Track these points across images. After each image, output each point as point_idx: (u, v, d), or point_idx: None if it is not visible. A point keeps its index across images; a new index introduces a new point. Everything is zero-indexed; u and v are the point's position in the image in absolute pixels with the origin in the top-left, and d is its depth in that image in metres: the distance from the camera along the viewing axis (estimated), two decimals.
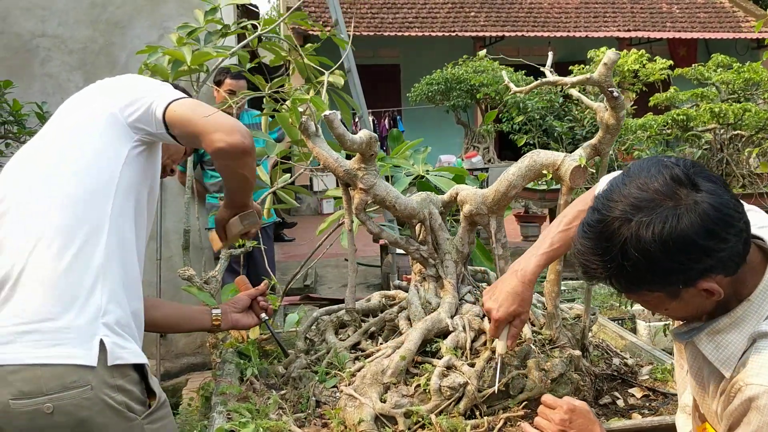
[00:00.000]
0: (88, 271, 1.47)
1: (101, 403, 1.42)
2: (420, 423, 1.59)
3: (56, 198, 1.50)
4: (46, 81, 4.62)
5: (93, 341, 1.43)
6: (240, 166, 1.64)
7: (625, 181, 1.12)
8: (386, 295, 2.10)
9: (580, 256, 1.15)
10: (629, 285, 1.13)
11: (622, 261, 1.08)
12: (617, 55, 1.67)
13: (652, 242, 1.05)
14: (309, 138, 1.80)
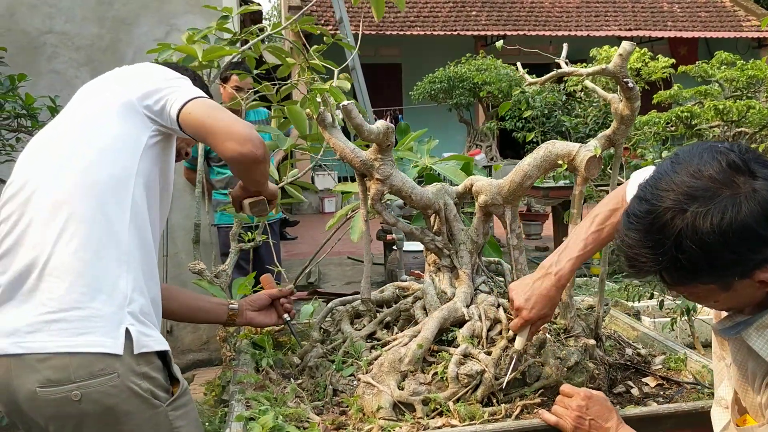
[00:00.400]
0: (113, 260, 1.49)
1: (128, 391, 1.44)
2: (438, 410, 1.60)
3: (79, 186, 1.50)
4: (54, 78, 4.63)
5: (119, 330, 1.45)
6: (252, 173, 1.67)
7: (675, 168, 1.07)
8: (399, 286, 2.11)
9: (627, 249, 1.10)
10: (682, 278, 1.08)
11: (676, 254, 1.03)
12: (632, 46, 1.68)
13: (710, 233, 1.00)
14: (326, 129, 1.82)
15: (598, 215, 1.53)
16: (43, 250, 1.46)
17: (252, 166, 1.60)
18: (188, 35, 2.84)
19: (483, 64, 10.46)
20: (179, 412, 1.54)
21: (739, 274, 1.05)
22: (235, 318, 1.99)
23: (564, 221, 4.91)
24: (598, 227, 1.52)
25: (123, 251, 1.50)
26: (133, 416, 1.46)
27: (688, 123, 5.29)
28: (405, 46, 15.11)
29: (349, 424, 1.60)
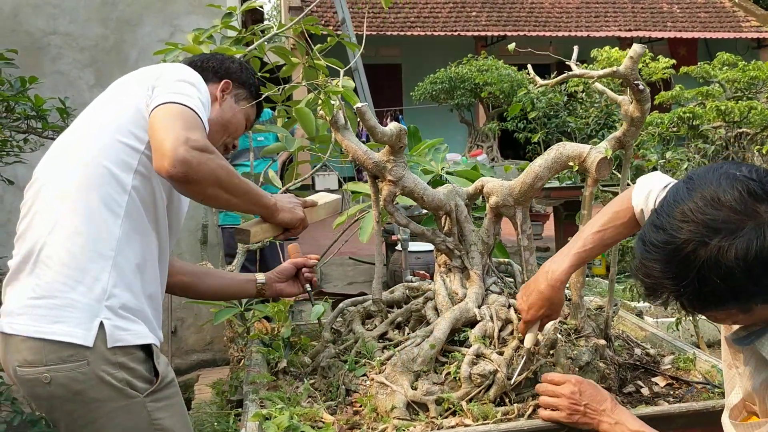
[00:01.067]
0: (98, 254, 1.52)
1: (96, 379, 1.49)
2: (451, 410, 1.61)
3: (79, 180, 1.56)
4: (58, 78, 4.65)
5: (93, 322, 1.50)
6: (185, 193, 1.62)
7: (692, 196, 1.05)
8: (409, 287, 2.12)
9: (646, 278, 1.09)
10: (703, 307, 1.08)
11: (699, 286, 1.03)
12: (643, 49, 1.69)
13: (735, 266, 0.99)
14: (338, 130, 1.83)
15: (602, 216, 1.53)
16: (40, 237, 1.54)
17: (179, 186, 1.53)
18: (194, 35, 2.85)
19: (484, 65, 10.47)
20: (160, 404, 1.56)
21: (762, 301, 1.05)
22: (264, 291, 2.03)
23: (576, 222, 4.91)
24: (601, 228, 1.52)
25: (110, 246, 1.53)
26: (104, 404, 1.50)
27: (690, 124, 5.31)
28: (405, 46, 15.12)
29: (363, 424, 1.61)
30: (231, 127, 1.85)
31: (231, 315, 2.36)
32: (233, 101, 1.86)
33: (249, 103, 1.88)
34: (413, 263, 4.74)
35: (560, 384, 1.53)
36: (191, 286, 1.97)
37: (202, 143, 1.50)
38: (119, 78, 1.75)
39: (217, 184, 1.53)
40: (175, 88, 1.59)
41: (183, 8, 4.83)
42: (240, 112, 1.88)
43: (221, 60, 1.89)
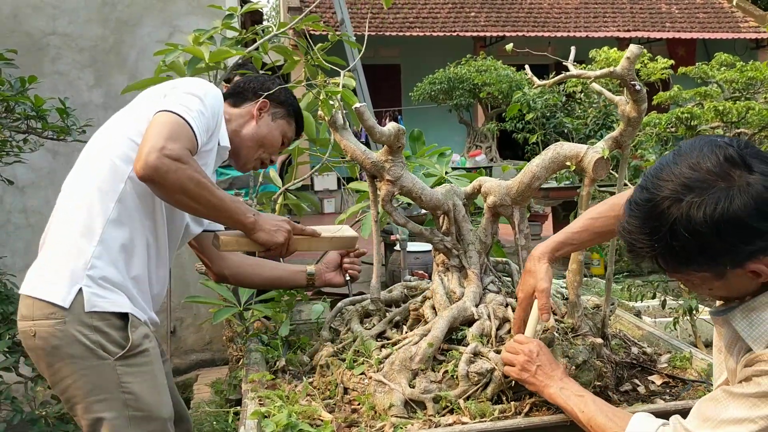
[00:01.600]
0: (88, 231, 1.73)
1: (71, 338, 1.69)
2: (449, 408, 1.62)
3: (83, 173, 1.81)
4: (57, 79, 4.66)
5: (74, 287, 1.70)
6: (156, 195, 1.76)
7: (676, 160, 1.13)
8: (408, 286, 2.14)
9: (626, 234, 1.17)
10: (676, 265, 1.14)
11: (670, 241, 1.09)
12: (640, 50, 1.71)
13: (703, 223, 1.06)
14: (337, 131, 1.84)
15: (600, 206, 1.58)
16: (51, 220, 1.82)
17: (149, 186, 1.69)
18: (195, 36, 2.86)
19: (483, 65, 10.49)
20: (130, 369, 1.73)
21: (731, 264, 1.11)
22: (313, 280, 2.20)
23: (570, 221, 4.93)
24: (594, 216, 1.57)
25: (100, 225, 1.73)
26: (77, 361, 1.69)
27: (688, 124, 5.33)
28: (404, 47, 15.13)
29: (362, 422, 1.62)
30: (267, 142, 2.04)
31: (230, 314, 2.37)
32: (270, 119, 2.06)
33: (286, 120, 2.08)
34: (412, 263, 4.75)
35: (524, 344, 1.59)
36: (248, 276, 2.18)
37: (177, 153, 1.65)
38: (118, 78, 1.87)
39: (183, 192, 1.68)
40: (180, 99, 1.75)
41: (182, 9, 4.84)
42: (276, 129, 2.07)
43: (262, 81, 2.09)
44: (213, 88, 1.87)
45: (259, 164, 2.11)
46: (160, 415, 1.77)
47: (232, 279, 2.19)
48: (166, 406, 1.82)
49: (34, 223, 4.63)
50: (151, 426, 1.75)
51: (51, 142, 4.06)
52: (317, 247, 2.06)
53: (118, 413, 1.71)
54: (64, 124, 2.75)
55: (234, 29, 2.93)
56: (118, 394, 1.71)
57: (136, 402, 1.73)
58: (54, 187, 4.81)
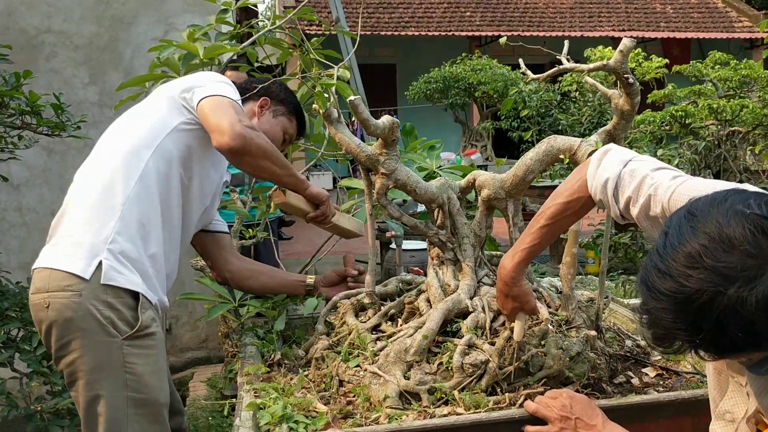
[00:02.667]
0: (109, 207, 1.80)
1: (86, 311, 1.73)
2: (443, 399, 1.63)
3: (106, 153, 1.89)
4: (52, 77, 4.65)
5: (94, 260, 1.75)
6: (238, 165, 1.90)
7: (697, 236, 0.97)
8: (403, 280, 2.14)
9: (654, 326, 1.01)
10: (721, 355, 1.01)
11: (716, 336, 0.95)
12: (633, 43, 1.71)
13: (756, 316, 0.91)
14: (331, 124, 1.84)
15: (549, 208, 1.47)
16: (70, 196, 1.89)
17: (235, 157, 1.82)
18: (189, 32, 2.86)
19: (478, 65, 10.52)
20: (136, 350, 1.77)
21: None
22: (311, 292, 2.29)
23: None
24: (547, 222, 1.48)
25: (121, 202, 1.80)
26: (87, 335, 1.73)
27: (682, 122, 5.35)
28: (400, 46, 15.14)
29: (357, 413, 1.63)
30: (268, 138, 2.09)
31: (225, 311, 2.37)
32: (271, 116, 2.18)
33: (287, 117, 2.19)
34: (407, 261, 4.76)
35: (554, 398, 1.53)
36: (247, 280, 2.27)
37: (251, 123, 1.84)
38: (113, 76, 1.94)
39: (266, 156, 1.84)
40: (216, 86, 1.88)
41: (177, 7, 4.84)
42: (277, 126, 2.18)
43: (262, 82, 2.21)
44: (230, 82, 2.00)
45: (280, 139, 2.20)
46: (157, 399, 1.81)
47: (232, 282, 2.26)
48: (164, 391, 1.85)
49: (29, 221, 4.62)
50: (147, 409, 1.79)
51: (46, 141, 4.05)
52: (339, 220, 2.20)
53: (118, 392, 1.75)
54: (59, 120, 2.75)
55: (228, 24, 2.93)
56: (121, 373, 1.74)
57: (136, 383, 1.76)
58: (49, 185, 4.83)
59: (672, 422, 1.61)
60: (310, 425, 1.54)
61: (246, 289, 2.27)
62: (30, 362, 2.57)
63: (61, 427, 2.51)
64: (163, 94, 1.96)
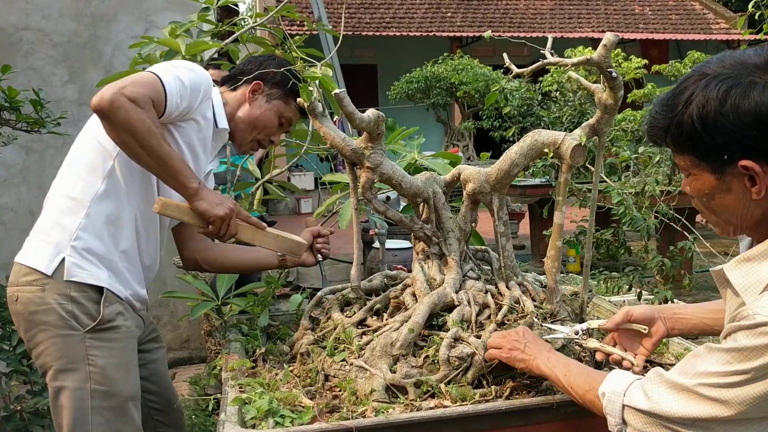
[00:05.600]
0: (76, 204, 1.83)
1: (48, 305, 1.78)
2: (430, 392, 1.63)
3: (78, 150, 1.91)
4: (30, 75, 4.58)
5: (57, 257, 1.80)
6: (107, 131, 1.76)
7: (728, 54, 1.20)
8: (388, 275, 2.14)
9: (650, 117, 1.25)
10: (684, 142, 1.19)
11: (682, 116, 1.17)
12: (616, 38, 1.73)
13: (715, 99, 1.12)
14: (316, 118, 1.84)
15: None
16: (46, 200, 1.92)
17: (101, 122, 1.73)
18: (171, 29, 2.84)
19: (460, 65, 10.55)
20: (99, 343, 1.80)
21: (728, 154, 1.15)
22: (285, 261, 2.20)
23: (545, 216, 4.97)
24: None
25: (88, 199, 1.82)
26: (50, 328, 1.78)
27: None
28: (381, 47, 15.15)
29: (343, 407, 1.62)
30: (260, 124, 2.07)
31: (208, 309, 2.35)
32: (264, 100, 2.08)
33: (282, 101, 2.08)
34: (390, 260, 4.76)
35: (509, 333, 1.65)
36: (218, 259, 2.18)
37: (135, 95, 1.67)
38: (93, 74, 1.93)
39: (130, 132, 1.69)
40: (161, 65, 1.85)
41: (158, 4, 4.79)
42: (271, 110, 2.08)
43: (260, 63, 2.11)
44: (200, 68, 1.93)
45: (256, 145, 2.14)
46: (120, 392, 1.82)
47: (203, 263, 2.19)
48: (130, 384, 1.86)
49: (6, 220, 4.55)
50: (111, 401, 1.80)
51: (24, 139, 4.00)
52: (261, 242, 2.02)
53: (81, 384, 1.78)
54: (38, 117, 2.72)
55: (210, 22, 2.91)
56: (83, 366, 1.78)
57: (99, 376, 1.79)
58: (27, 184, 4.76)
59: None
60: (296, 419, 1.53)
61: (218, 267, 2.22)
62: (9, 361, 2.53)
63: (41, 426, 2.48)
64: None
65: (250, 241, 1.99)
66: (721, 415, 1.16)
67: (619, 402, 1.30)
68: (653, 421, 1.25)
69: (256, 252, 2.20)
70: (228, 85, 2.12)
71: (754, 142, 1.12)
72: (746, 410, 1.14)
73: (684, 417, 1.20)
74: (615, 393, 1.32)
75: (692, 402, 1.19)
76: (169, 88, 1.77)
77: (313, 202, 11.70)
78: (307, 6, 12.03)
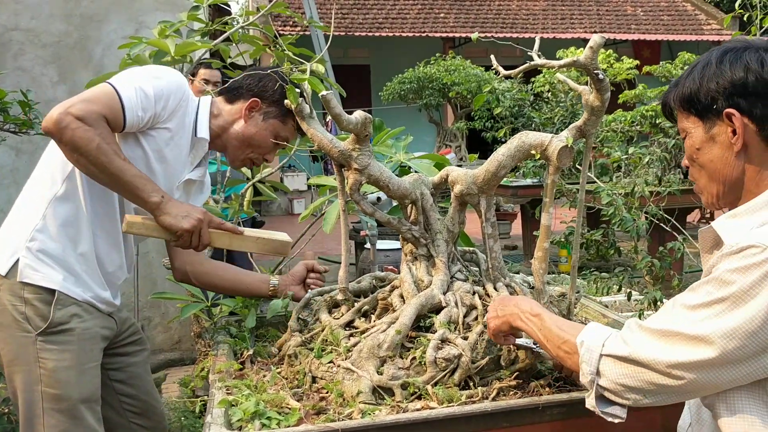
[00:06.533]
0: (32, 206, 1.84)
1: (2, 306, 1.79)
2: (417, 393, 1.63)
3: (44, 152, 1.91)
4: (20, 75, 4.57)
5: (12, 257, 1.81)
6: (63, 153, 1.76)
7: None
8: (376, 276, 2.14)
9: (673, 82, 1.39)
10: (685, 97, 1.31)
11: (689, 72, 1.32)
12: (603, 39, 1.73)
13: (714, 59, 1.27)
14: (304, 119, 1.84)
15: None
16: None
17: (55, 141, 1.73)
18: (160, 29, 2.83)
19: (452, 65, 10.56)
20: (50, 346, 1.79)
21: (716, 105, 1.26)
22: (275, 293, 2.18)
23: (536, 217, 4.98)
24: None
25: (46, 202, 1.83)
26: (5, 328, 1.79)
27: (653, 122, 5.42)
28: (373, 47, 15.15)
29: (330, 409, 1.62)
30: (254, 143, 2.02)
31: (198, 310, 2.35)
32: (261, 119, 2.02)
33: (279, 120, 2.03)
34: (382, 261, 4.77)
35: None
36: (208, 276, 2.17)
37: (82, 113, 1.66)
38: (83, 75, 1.93)
39: (77, 151, 1.68)
40: (123, 75, 1.84)
41: (149, 5, 4.78)
42: (266, 129, 2.02)
43: (259, 78, 2.05)
44: (173, 74, 1.88)
45: (249, 163, 2.11)
46: (70, 395, 1.81)
47: (193, 277, 2.17)
48: (82, 387, 1.84)
49: None
50: (61, 404, 1.80)
51: (14, 140, 3.99)
52: (240, 246, 1.99)
53: (31, 387, 1.79)
54: (27, 118, 2.71)
55: (200, 21, 2.90)
56: (34, 368, 1.78)
57: (49, 378, 1.78)
58: (17, 185, 4.73)
59: (642, 415, 1.63)
60: (282, 421, 1.53)
61: (207, 284, 2.20)
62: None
63: None
64: None
65: (228, 247, 1.95)
66: (703, 356, 1.14)
67: (597, 351, 1.28)
68: (631, 370, 1.22)
69: (248, 277, 2.22)
70: (225, 96, 2.06)
71: (739, 96, 1.23)
72: (730, 349, 1.12)
73: (664, 362, 1.17)
74: (593, 342, 1.29)
75: (673, 344, 1.17)
76: (127, 102, 1.74)
77: (306, 203, 11.69)
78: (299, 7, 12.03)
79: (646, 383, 1.22)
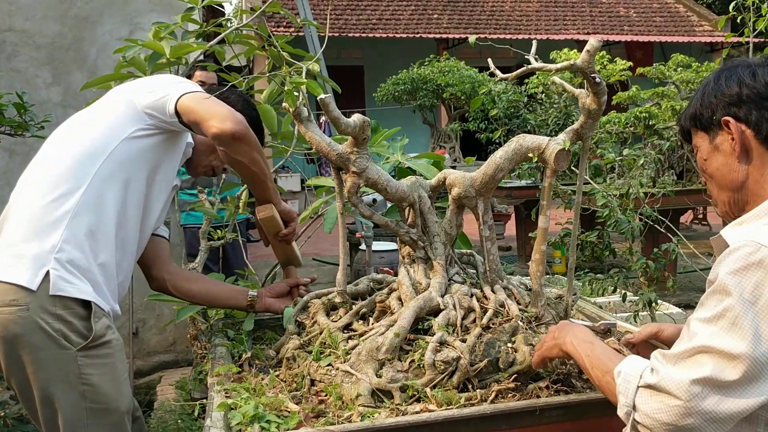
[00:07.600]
0: (55, 215, 1.72)
1: (34, 325, 1.65)
2: (415, 396, 1.63)
3: (55, 157, 1.82)
4: (14, 76, 4.55)
5: (41, 270, 1.67)
6: (235, 152, 1.87)
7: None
8: (374, 279, 2.14)
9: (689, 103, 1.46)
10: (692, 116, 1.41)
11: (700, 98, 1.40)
12: (599, 43, 1.74)
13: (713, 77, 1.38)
14: (302, 123, 1.84)
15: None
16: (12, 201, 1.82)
17: (232, 142, 1.81)
18: (155, 31, 2.82)
19: (446, 66, 10.57)
20: (92, 360, 1.71)
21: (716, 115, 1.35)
22: (253, 304, 2.18)
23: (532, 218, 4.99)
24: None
25: (66, 211, 1.73)
26: (38, 350, 1.65)
27: (647, 123, 5.44)
28: (367, 48, 15.15)
29: (329, 412, 1.62)
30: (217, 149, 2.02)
31: (194, 312, 2.35)
32: None
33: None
34: (377, 262, 4.76)
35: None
36: (186, 284, 2.16)
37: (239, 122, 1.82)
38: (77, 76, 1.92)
39: (258, 150, 1.89)
40: (188, 85, 1.88)
41: (143, 6, 4.77)
42: None
43: (222, 90, 2.13)
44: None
45: (210, 171, 2.17)
46: (118, 408, 1.77)
47: (171, 287, 2.14)
48: (125, 398, 1.81)
49: None
50: (108, 419, 1.75)
51: (8, 142, 3.97)
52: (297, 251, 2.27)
53: (75, 405, 1.70)
54: (22, 120, 2.70)
55: (195, 22, 2.89)
56: (77, 385, 1.69)
57: (94, 394, 1.71)
58: (10, 187, 4.68)
59: None
60: (282, 425, 1.53)
61: (186, 294, 2.16)
62: None
63: (24, 431, 2.47)
64: (121, 96, 1.90)
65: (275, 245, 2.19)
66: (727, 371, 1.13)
67: (634, 383, 1.26)
68: (663, 400, 1.19)
69: (227, 288, 2.24)
70: None
71: (734, 105, 1.32)
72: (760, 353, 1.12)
73: (691, 380, 1.15)
74: (631, 374, 1.27)
75: (696, 362, 1.17)
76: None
77: (300, 204, 11.67)
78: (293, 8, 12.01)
79: (677, 417, 1.18)
